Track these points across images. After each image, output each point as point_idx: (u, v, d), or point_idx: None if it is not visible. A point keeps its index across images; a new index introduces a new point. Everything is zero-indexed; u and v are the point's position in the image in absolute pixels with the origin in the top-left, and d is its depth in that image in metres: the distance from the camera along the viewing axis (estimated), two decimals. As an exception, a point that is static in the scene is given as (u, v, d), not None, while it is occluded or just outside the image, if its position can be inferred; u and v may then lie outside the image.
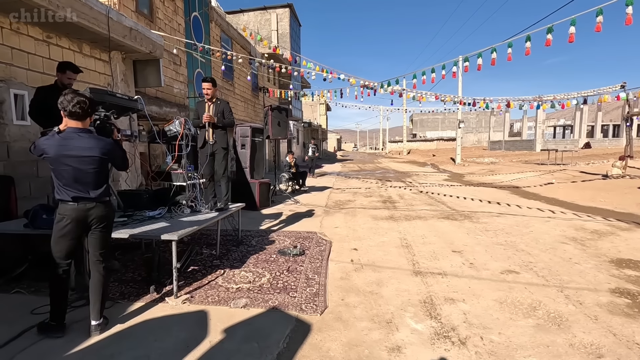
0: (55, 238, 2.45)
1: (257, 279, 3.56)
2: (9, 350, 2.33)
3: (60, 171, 2.35)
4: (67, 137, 2.36)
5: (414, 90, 9.84)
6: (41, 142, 2.36)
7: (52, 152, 2.32)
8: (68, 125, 2.40)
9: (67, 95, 2.37)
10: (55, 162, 2.34)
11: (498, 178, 13.72)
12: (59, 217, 2.41)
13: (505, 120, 40.66)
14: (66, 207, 2.39)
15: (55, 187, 2.40)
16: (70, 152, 2.33)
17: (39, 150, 2.36)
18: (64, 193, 2.38)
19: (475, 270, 3.85)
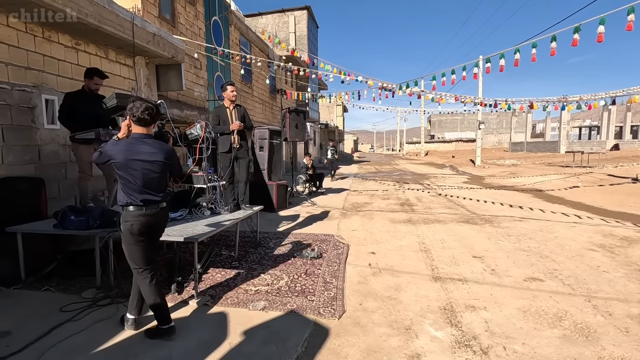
0: (129, 246, 2.46)
1: (275, 281, 3.59)
2: (39, 346, 2.43)
3: (128, 176, 2.38)
4: (134, 142, 2.42)
5: (433, 92, 9.71)
6: (108, 148, 2.40)
7: (121, 157, 2.35)
8: (134, 131, 2.46)
9: (136, 102, 2.44)
10: (124, 167, 2.37)
11: (520, 181, 13.35)
12: (127, 225, 2.41)
13: (527, 121, 39.52)
14: (135, 213, 2.41)
15: (122, 192, 2.42)
16: (137, 157, 2.38)
17: (105, 157, 2.39)
18: (131, 198, 2.40)
19: (497, 276, 3.75)
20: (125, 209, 2.43)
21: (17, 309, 2.96)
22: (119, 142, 2.43)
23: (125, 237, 2.46)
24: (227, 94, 4.50)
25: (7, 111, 3.83)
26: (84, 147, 3.85)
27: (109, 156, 2.37)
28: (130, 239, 2.45)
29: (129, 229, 2.42)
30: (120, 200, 2.44)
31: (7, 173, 3.81)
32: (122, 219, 2.44)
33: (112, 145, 2.41)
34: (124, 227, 2.44)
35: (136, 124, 2.44)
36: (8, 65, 3.85)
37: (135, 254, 2.48)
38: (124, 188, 2.41)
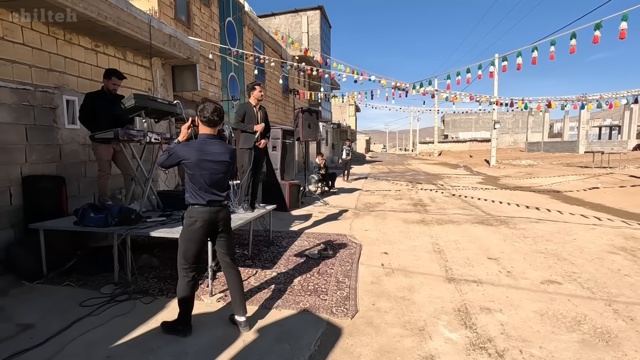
0: (186, 242, 2.50)
1: (288, 280, 3.61)
2: (61, 339, 2.50)
3: (198, 176, 2.43)
4: (204, 143, 2.48)
5: (447, 91, 9.58)
6: (179, 149, 2.45)
7: (194, 157, 2.40)
8: (201, 132, 2.52)
9: (206, 104, 2.49)
10: (196, 167, 2.41)
11: (537, 181, 13.06)
12: (191, 221, 2.46)
13: (544, 121, 38.60)
14: (200, 210, 2.46)
15: (189, 192, 2.47)
16: (207, 157, 2.44)
17: (176, 158, 2.44)
18: (198, 197, 2.45)
19: (513, 279, 3.69)
20: (191, 206, 2.49)
21: (40, 303, 3.06)
22: (189, 142, 2.51)
23: (185, 232, 2.51)
24: (254, 94, 4.55)
25: (30, 111, 3.96)
26: (103, 146, 3.95)
27: (181, 157, 2.42)
28: (190, 235, 2.49)
29: (191, 225, 2.47)
30: (187, 199, 2.50)
31: (30, 171, 3.94)
32: (187, 214, 2.50)
33: (183, 146, 2.48)
34: (186, 222, 2.50)
35: (205, 125, 2.50)
36: (32, 67, 3.98)
37: (189, 251, 2.51)
38: (192, 187, 2.46)
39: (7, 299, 3.14)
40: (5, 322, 2.73)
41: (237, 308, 2.65)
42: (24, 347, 2.37)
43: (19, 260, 3.54)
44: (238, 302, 2.65)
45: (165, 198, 4.39)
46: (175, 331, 2.56)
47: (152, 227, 3.43)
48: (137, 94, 3.80)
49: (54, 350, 2.36)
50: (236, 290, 2.66)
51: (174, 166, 2.55)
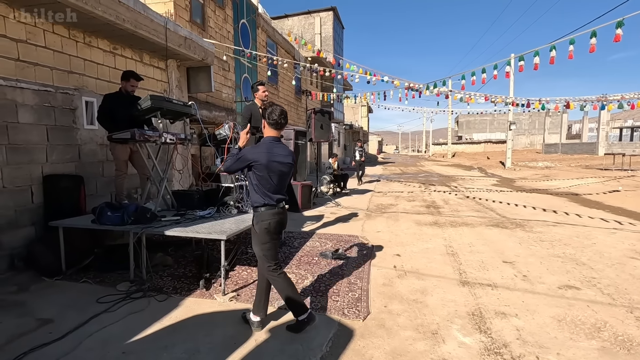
0: (265, 244, 2.53)
1: (299, 280, 3.61)
2: (78, 334, 2.56)
3: (268, 177, 2.47)
4: (270, 145, 2.53)
5: (461, 92, 9.45)
6: (248, 152, 2.50)
7: (264, 159, 2.44)
8: (267, 134, 2.57)
9: (273, 107, 2.56)
10: (266, 168, 2.45)
11: (554, 184, 12.75)
12: (265, 224, 2.49)
13: (562, 121, 37.67)
14: (271, 212, 2.51)
15: (257, 194, 2.51)
16: (275, 159, 2.48)
17: (245, 160, 2.48)
18: (268, 198, 2.49)
19: (529, 283, 3.61)
20: (259, 209, 2.52)
21: (59, 299, 3.14)
22: (258, 145, 2.57)
23: (260, 236, 2.53)
24: (258, 94, 4.51)
25: (51, 112, 4.08)
26: (121, 146, 4.04)
27: (251, 159, 2.46)
28: (266, 238, 2.53)
29: (267, 228, 2.50)
30: (256, 202, 2.53)
31: (51, 171, 4.06)
32: (258, 219, 2.51)
33: (252, 149, 2.54)
34: (260, 227, 2.51)
35: (271, 127, 2.55)
36: (53, 69, 4.10)
37: (270, 252, 2.55)
38: (261, 189, 2.49)
39: (27, 294, 3.24)
40: (26, 317, 2.82)
41: (256, 307, 2.68)
42: (43, 342, 2.43)
43: (40, 257, 3.65)
44: (259, 302, 2.67)
45: (179, 197, 4.46)
46: (304, 326, 2.57)
47: (166, 226, 3.49)
48: (154, 95, 3.87)
49: (71, 345, 2.42)
50: (263, 292, 2.68)
51: (241, 169, 2.58)
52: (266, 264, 2.56)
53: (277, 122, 2.54)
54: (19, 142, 3.72)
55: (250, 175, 2.53)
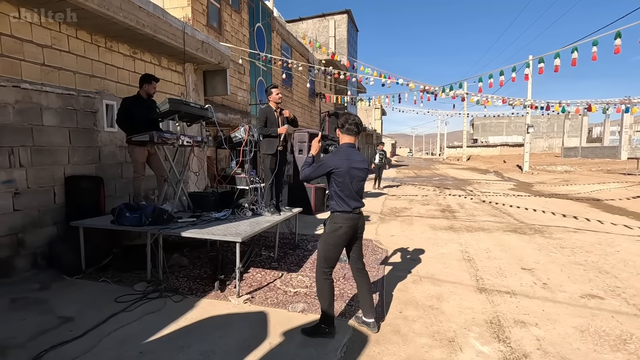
0: (331, 247, 2.59)
1: (313, 284, 3.59)
2: (97, 333, 2.61)
3: (347, 183, 2.53)
4: (348, 152, 2.60)
5: (478, 94, 9.30)
6: (329, 160, 2.56)
7: (345, 166, 2.51)
8: (343, 141, 2.64)
9: (349, 116, 2.64)
10: (346, 175, 2.52)
11: (574, 189, 12.40)
12: (336, 227, 2.55)
13: (582, 124, 36.63)
14: (345, 217, 2.55)
15: (336, 199, 2.57)
16: (355, 165, 2.56)
17: (326, 167, 2.54)
18: (345, 204, 2.55)
19: (550, 291, 3.50)
20: (335, 213, 2.58)
21: (79, 297, 3.22)
22: (337, 152, 2.63)
23: (329, 238, 2.58)
24: (272, 97, 4.49)
25: (74, 115, 4.20)
26: (139, 148, 4.12)
27: (332, 166, 2.52)
28: (334, 241, 2.58)
29: (336, 231, 2.56)
30: (334, 207, 2.59)
31: (72, 172, 4.17)
32: (331, 221, 2.59)
33: (332, 155, 2.61)
34: (330, 228, 2.57)
35: (346, 134, 2.63)
36: (76, 73, 4.22)
37: (332, 255, 2.60)
38: (340, 194, 2.55)
39: (49, 292, 3.32)
40: (48, 314, 2.89)
41: (367, 310, 2.71)
42: (64, 339, 2.49)
43: (61, 256, 3.75)
44: (368, 305, 2.71)
45: (195, 199, 4.52)
46: (323, 334, 2.60)
47: (183, 228, 3.54)
48: (172, 98, 3.94)
49: (91, 344, 2.46)
50: (367, 294, 2.72)
51: (321, 176, 2.64)
52: (323, 265, 2.61)
53: (354, 129, 2.61)
54: (43, 144, 3.84)
55: (330, 181, 2.59)
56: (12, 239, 3.55)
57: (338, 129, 2.66)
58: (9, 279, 3.50)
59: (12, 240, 3.56)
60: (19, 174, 3.60)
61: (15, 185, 3.57)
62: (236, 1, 8.93)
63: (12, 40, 3.52)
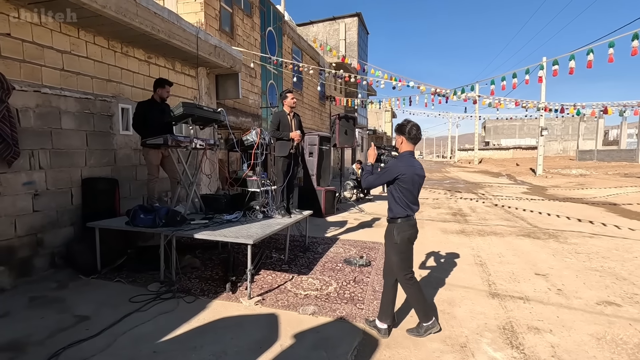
0: (404, 253, 2.67)
1: (324, 287, 3.61)
2: (113, 332, 2.67)
3: (411, 190, 2.62)
4: (411, 159, 2.67)
5: (490, 97, 9.20)
6: (394, 166, 2.63)
7: (410, 172, 2.59)
8: (405, 149, 2.70)
9: (411, 123, 2.70)
10: (410, 181, 2.60)
11: (590, 193, 12.14)
12: (407, 234, 2.64)
13: (598, 127, 35.84)
14: (411, 223, 2.66)
15: (399, 205, 2.63)
16: (418, 172, 2.64)
17: (392, 173, 2.61)
18: (409, 209, 2.63)
19: (565, 297, 3.44)
20: (398, 220, 2.64)
21: (95, 296, 3.29)
22: (401, 159, 2.68)
23: (400, 246, 2.65)
24: (287, 102, 4.54)
25: (90, 119, 4.31)
26: (154, 151, 4.20)
27: (398, 172, 2.59)
28: (406, 247, 2.67)
29: (408, 238, 2.65)
30: (397, 213, 2.64)
31: (89, 174, 4.27)
32: (399, 229, 2.64)
33: (397, 162, 2.66)
34: (401, 237, 2.63)
35: (410, 142, 2.69)
36: (93, 78, 4.34)
37: (407, 261, 2.69)
38: (404, 200, 2.62)
39: (67, 291, 3.41)
40: (65, 313, 2.97)
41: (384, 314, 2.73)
42: (81, 338, 2.55)
43: (78, 256, 3.84)
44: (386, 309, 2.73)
45: (207, 201, 4.58)
46: (429, 331, 2.67)
47: (195, 229, 3.59)
48: (185, 102, 4.01)
49: (106, 342, 2.52)
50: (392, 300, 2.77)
51: (384, 183, 2.70)
52: (403, 272, 2.67)
53: (417, 137, 2.67)
54: (62, 146, 3.95)
55: (393, 188, 2.65)
56: (31, 239, 3.66)
57: (401, 135, 2.69)
58: (29, 278, 3.60)
59: (32, 240, 3.66)
60: (38, 176, 3.71)
61: (35, 186, 3.68)
62: (248, 6, 9.04)
63: (33, 46, 3.64)
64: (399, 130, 2.70)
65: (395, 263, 2.69)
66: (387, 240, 2.73)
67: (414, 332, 2.72)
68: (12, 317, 2.89)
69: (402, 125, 2.71)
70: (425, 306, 2.71)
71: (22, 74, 3.53)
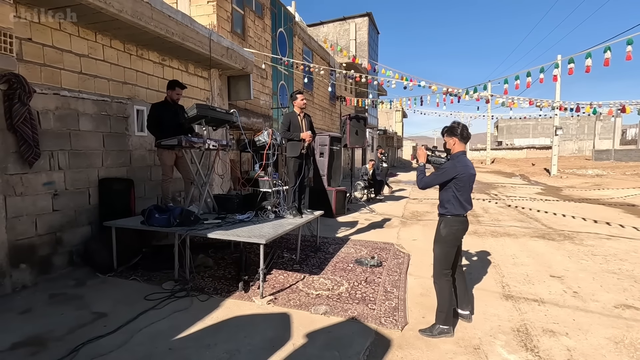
0: (449, 249, 2.76)
1: (335, 287, 3.62)
2: (129, 329, 2.73)
3: (466, 189, 2.72)
4: (464, 158, 2.77)
5: (504, 96, 9.07)
6: (452, 167, 2.71)
7: (467, 172, 2.70)
8: (459, 149, 2.78)
9: (461, 124, 2.80)
10: (468, 180, 2.71)
11: (606, 193, 11.86)
12: (454, 229, 2.73)
13: (615, 126, 34.97)
14: (461, 220, 2.75)
15: (454, 204, 2.72)
16: (472, 172, 2.75)
17: (450, 174, 2.70)
18: (462, 208, 2.73)
19: (581, 300, 3.38)
20: (449, 217, 2.74)
21: (112, 294, 3.37)
22: (458, 159, 2.74)
23: (447, 241, 2.75)
24: (297, 102, 4.56)
25: (107, 120, 4.41)
26: (168, 152, 4.27)
27: (456, 172, 2.68)
28: (452, 243, 2.76)
29: (455, 234, 2.75)
30: (451, 211, 2.73)
31: (105, 174, 4.37)
32: (448, 224, 2.74)
33: (454, 162, 2.73)
34: (448, 232, 2.74)
35: (462, 142, 2.78)
36: (110, 80, 4.44)
37: (450, 257, 2.77)
38: (460, 199, 2.71)
39: (85, 289, 3.50)
40: (83, 309, 3.05)
41: (465, 304, 2.91)
42: (99, 334, 2.62)
43: (95, 254, 3.94)
44: (466, 300, 2.93)
45: (220, 201, 4.64)
46: (443, 333, 2.70)
47: (209, 229, 3.64)
48: (199, 103, 4.07)
49: (123, 339, 2.58)
50: (465, 289, 2.96)
51: (440, 183, 2.76)
52: (443, 267, 2.76)
53: (468, 136, 2.78)
54: (80, 147, 4.06)
55: (448, 187, 2.72)
56: (51, 237, 3.76)
57: (453, 137, 2.77)
58: (49, 275, 3.70)
59: (52, 238, 3.77)
60: (57, 176, 3.82)
61: (55, 187, 3.79)
62: (259, 7, 9.12)
63: (53, 50, 3.74)
64: (451, 132, 2.78)
65: (436, 256, 2.78)
66: (435, 234, 2.84)
67: (427, 332, 2.72)
68: (33, 313, 2.98)
69: (453, 127, 2.79)
70: (450, 309, 2.73)
71: (42, 77, 3.64)
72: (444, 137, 2.88)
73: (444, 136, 2.87)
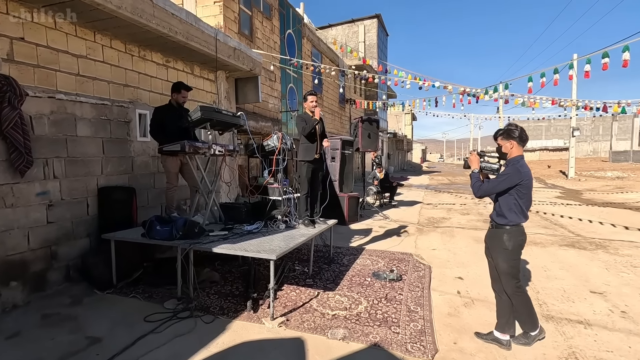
0: (516, 261, 2.60)
1: (353, 305, 3.28)
2: (125, 358, 2.43)
3: (529, 195, 2.56)
4: (524, 163, 2.58)
5: (525, 95, 8.64)
6: (515, 173, 2.53)
7: (529, 177, 2.55)
8: (517, 153, 2.60)
9: (519, 127, 2.62)
10: (530, 186, 2.55)
11: (631, 197, 11.28)
12: (519, 240, 2.58)
13: (633, 126, 33.91)
14: (522, 230, 2.60)
15: (515, 212, 2.55)
16: (532, 177, 2.59)
17: (513, 180, 2.51)
18: (523, 216, 2.57)
19: (632, 322, 2.98)
20: (509, 227, 2.57)
21: (109, 314, 3.08)
22: (520, 165, 2.54)
23: (514, 253, 2.59)
24: (307, 104, 4.32)
25: (107, 125, 4.16)
26: (172, 158, 4.00)
27: (520, 179, 2.51)
28: (518, 254, 2.61)
29: (520, 245, 2.59)
30: (512, 220, 2.56)
31: (105, 182, 4.11)
32: (510, 235, 2.57)
33: (517, 168, 2.54)
34: (514, 243, 2.56)
35: (521, 145, 2.60)
36: (110, 83, 4.19)
37: (518, 267, 2.62)
38: (522, 206, 2.55)
39: (80, 308, 3.22)
40: (77, 333, 2.76)
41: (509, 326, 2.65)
42: (90, 364, 2.33)
43: (93, 269, 3.67)
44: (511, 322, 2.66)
45: (227, 210, 4.34)
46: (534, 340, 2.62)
47: (214, 242, 3.34)
48: (203, 106, 3.80)
49: (117, 371, 2.28)
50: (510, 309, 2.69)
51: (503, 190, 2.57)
52: (514, 280, 2.60)
53: (527, 138, 2.63)
54: (77, 154, 3.80)
55: (510, 194, 2.55)
56: (45, 251, 3.50)
57: (511, 140, 2.58)
58: (43, 292, 3.43)
59: (46, 253, 3.50)
60: (52, 186, 3.56)
61: (49, 197, 3.53)
62: (267, 8, 8.88)
63: (47, 50, 3.50)
64: (508, 135, 2.59)
65: (504, 270, 2.59)
66: (494, 246, 2.64)
67: (522, 340, 2.63)
68: (22, 337, 2.71)
69: (510, 130, 2.59)
70: (534, 316, 2.63)
71: (36, 79, 3.39)
72: (498, 141, 2.63)
73: (498, 140, 2.63)
